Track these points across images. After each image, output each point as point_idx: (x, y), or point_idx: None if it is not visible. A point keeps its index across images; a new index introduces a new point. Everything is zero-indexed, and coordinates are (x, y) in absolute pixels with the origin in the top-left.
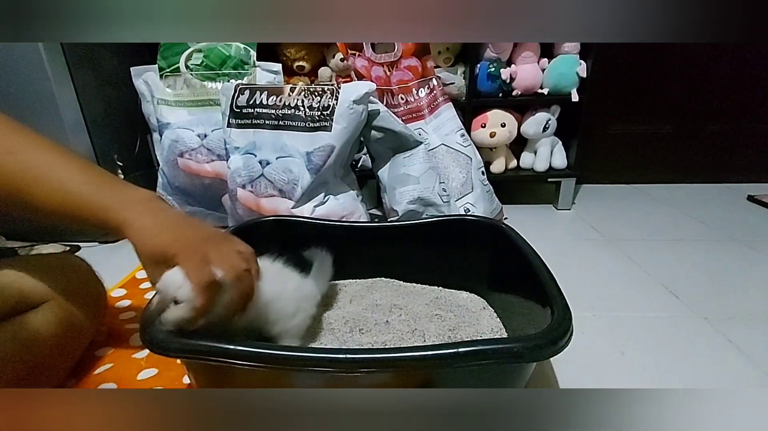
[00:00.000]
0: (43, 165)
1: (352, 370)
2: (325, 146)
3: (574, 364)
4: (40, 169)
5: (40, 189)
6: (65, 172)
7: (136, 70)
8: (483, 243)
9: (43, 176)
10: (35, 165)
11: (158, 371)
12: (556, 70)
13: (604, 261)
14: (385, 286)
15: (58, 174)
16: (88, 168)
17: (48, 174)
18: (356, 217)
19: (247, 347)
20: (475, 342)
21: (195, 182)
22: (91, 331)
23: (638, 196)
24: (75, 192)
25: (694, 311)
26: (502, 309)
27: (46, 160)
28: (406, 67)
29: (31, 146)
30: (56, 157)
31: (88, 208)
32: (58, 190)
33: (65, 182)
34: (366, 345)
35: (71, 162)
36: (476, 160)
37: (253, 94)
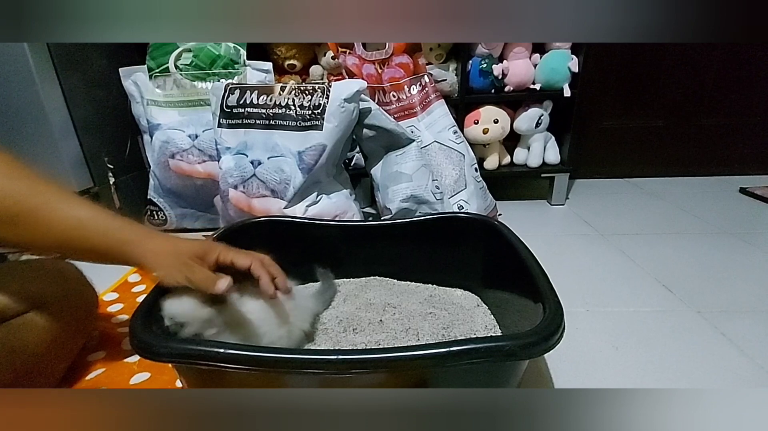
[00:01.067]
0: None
1: (345, 371)
2: (317, 145)
3: (568, 359)
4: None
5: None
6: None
7: (125, 70)
8: (476, 240)
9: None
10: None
11: (151, 375)
12: (547, 65)
13: (598, 255)
14: (379, 285)
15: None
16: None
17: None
18: (349, 216)
19: (238, 350)
20: (468, 341)
21: (187, 183)
22: (82, 337)
23: (631, 190)
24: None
25: (687, 305)
26: (496, 306)
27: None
28: (397, 65)
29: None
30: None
31: (103, 243)
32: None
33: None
34: (360, 344)
35: (73, 198)
36: (469, 156)
37: (243, 93)
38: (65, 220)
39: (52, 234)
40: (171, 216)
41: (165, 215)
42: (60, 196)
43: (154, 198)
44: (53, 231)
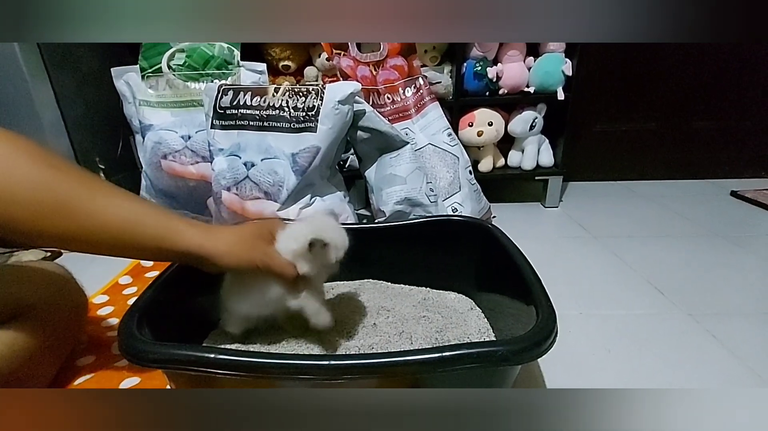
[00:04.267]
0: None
1: (336, 377)
2: (311, 147)
3: (561, 363)
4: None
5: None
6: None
7: (116, 70)
8: (470, 243)
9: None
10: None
11: (141, 380)
12: (542, 68)
13: (591, 258)
14: (373, 288)
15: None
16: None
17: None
18: (343, 219)
19: (228, 356)
20: (460, 346)
21: (179, 185)
22: (71, 341)
23: (624, 193)
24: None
25: (679, 307)
26: (489, 309)
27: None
28: (392, 67)
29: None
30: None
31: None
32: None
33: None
34: (353, 348)
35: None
36: (463, 159)
37: (236, 94)
38: (114, 211)
39: (99, 227)
40: None
41: None
42: (105, 187)
43: (146, 198)
44: (100, 223)
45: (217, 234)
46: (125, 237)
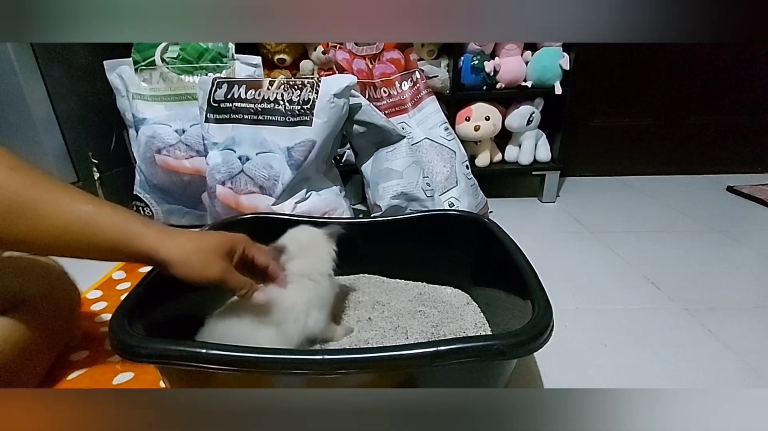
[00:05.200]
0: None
1: (330, 372)
2: (306, 141)
3: (557, 357)
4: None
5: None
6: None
7: (109, 63)
8: (466, 238)
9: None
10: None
11: (134, 375)
12: (539, 62)
13: (588, 253)
14: (368, 283)
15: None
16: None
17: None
18: (339, 213)
19: (220, 350)
20: (456, 340)
21: (173, 179)
22: (64, 335)
23: (621, 188)
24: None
25: (675, 302)
26: (486, 304)
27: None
28: (388, 60)
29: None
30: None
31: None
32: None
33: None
34: (348, 343)
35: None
36: (460, 153)
37: (231, 87)
38: (71, 213)
39: (58, 229)
40: (158, 212)
41: (152, 211)
42: (62, 189)
43: (141, 193)
44: (58, 225)
45: (176, 240)
46: (81, 239)
